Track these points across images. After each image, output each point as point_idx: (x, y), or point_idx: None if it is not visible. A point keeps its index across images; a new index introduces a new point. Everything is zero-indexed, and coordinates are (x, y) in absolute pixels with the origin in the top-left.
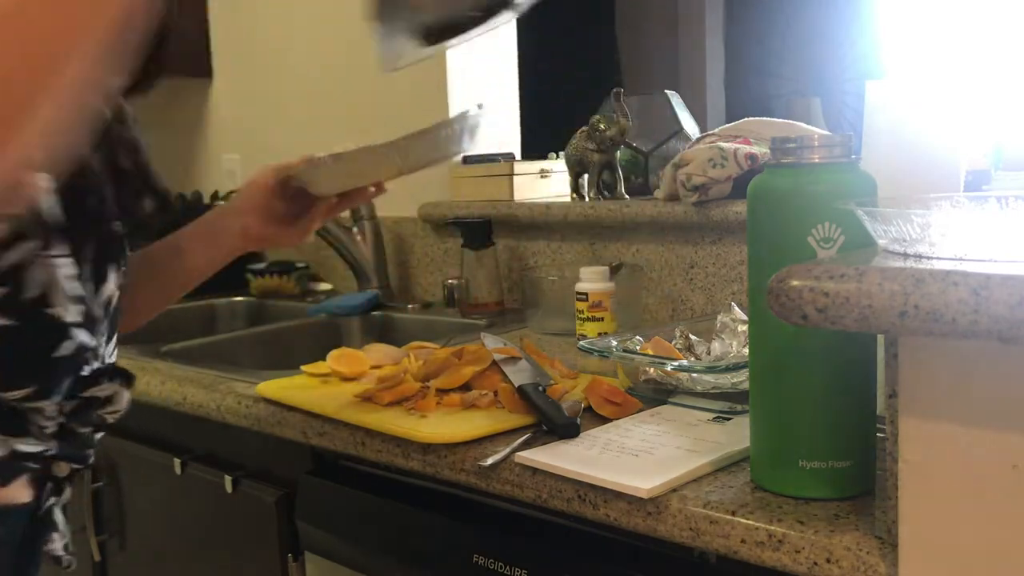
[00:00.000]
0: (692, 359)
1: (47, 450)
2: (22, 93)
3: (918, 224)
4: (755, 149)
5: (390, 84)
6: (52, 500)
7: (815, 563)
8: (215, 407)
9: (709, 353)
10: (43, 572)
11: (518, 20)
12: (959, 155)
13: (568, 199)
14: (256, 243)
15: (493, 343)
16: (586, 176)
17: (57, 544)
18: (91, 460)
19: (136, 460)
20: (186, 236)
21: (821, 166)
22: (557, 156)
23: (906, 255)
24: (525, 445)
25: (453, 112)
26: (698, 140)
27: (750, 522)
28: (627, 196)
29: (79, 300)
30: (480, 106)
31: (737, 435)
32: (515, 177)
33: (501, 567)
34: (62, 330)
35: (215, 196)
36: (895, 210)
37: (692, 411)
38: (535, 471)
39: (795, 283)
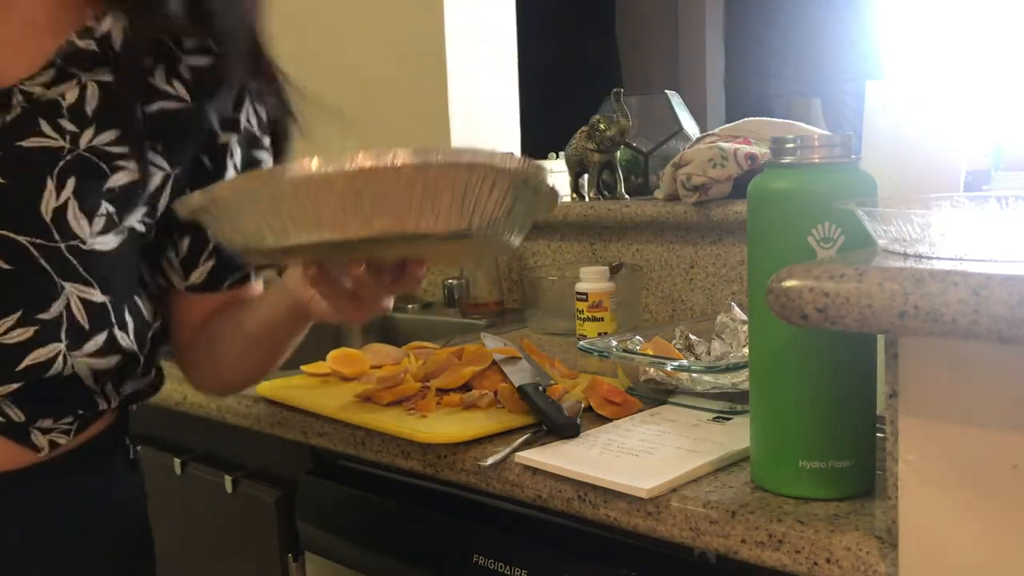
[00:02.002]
0: (692, 359)
1: None
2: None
3: (918, 224)
4: (755, 149)
5: (390, 85)
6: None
7: (815, 563)
8: (215, 407)
9: (709, 353)
10: None
11: (518, 21)
12: (959, 155)
13: (568, 199)
14: (308, 310)
15: (493, 343)
16: (586, 176)
17: None
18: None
19: None
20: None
21: (821, 166)
22: (557, 156)
23: (906, 255)
24: (525, 445)
25: (453, 114)
26: (698, 140)
27: (750, 522)
28: (627, 196)
29: None
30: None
31: (737, 435)
32: None
33: (501, 567)
34: None
35: None
36: (895, 210)
37: (692, 411)
38: (535, 471)
39: (795, 283)
